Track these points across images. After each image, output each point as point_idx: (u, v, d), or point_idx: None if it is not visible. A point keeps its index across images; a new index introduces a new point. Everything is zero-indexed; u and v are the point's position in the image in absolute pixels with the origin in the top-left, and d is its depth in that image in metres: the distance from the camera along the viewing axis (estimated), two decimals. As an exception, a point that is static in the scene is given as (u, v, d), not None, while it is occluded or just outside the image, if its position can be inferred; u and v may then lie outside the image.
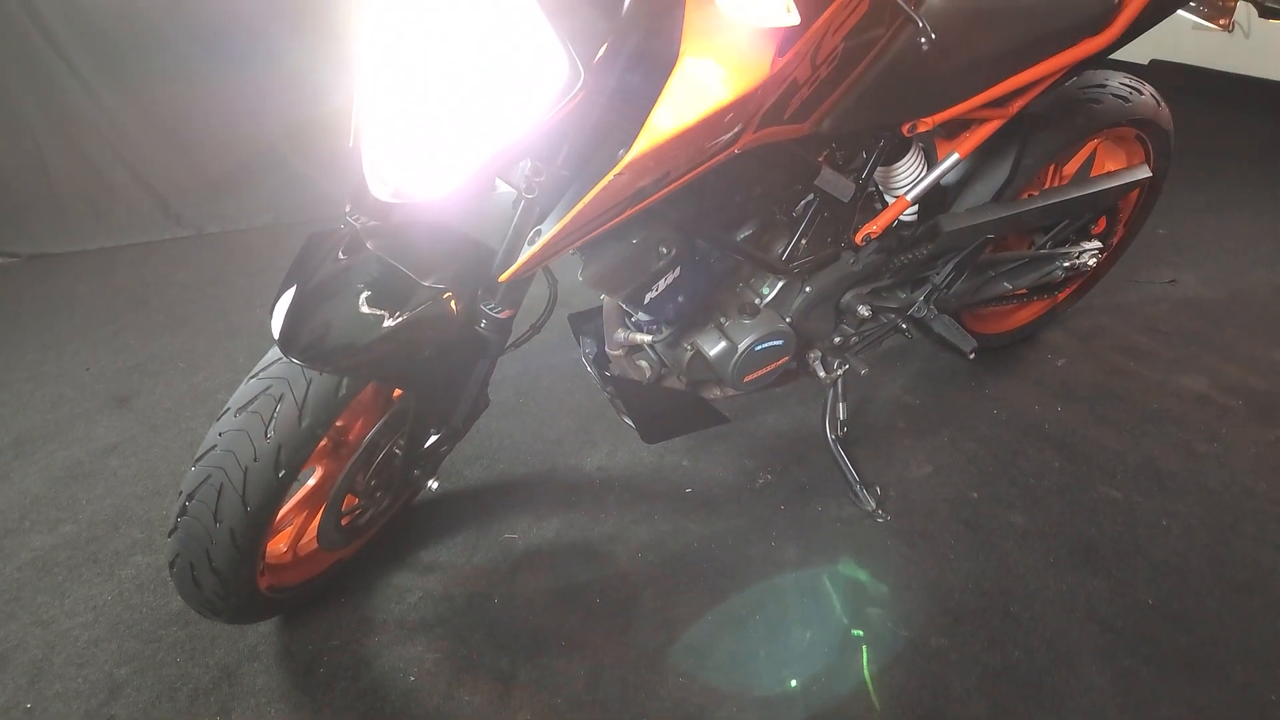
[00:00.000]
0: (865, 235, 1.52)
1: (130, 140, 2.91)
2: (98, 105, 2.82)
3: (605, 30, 0.94)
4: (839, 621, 1.48)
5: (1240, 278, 2.40)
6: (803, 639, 1.45)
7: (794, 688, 1.37)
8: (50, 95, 2.76)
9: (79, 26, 2.66)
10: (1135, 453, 1.80)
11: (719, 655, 1.43)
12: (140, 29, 2.70)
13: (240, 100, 2.89)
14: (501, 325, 1.25)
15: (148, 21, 2.69)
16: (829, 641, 1.44)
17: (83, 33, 2.67)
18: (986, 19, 1.30)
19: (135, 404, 2.11)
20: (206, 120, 2.92)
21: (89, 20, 2.65)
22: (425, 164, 1.00)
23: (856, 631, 1.46)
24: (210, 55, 2.79)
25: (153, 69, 2.79)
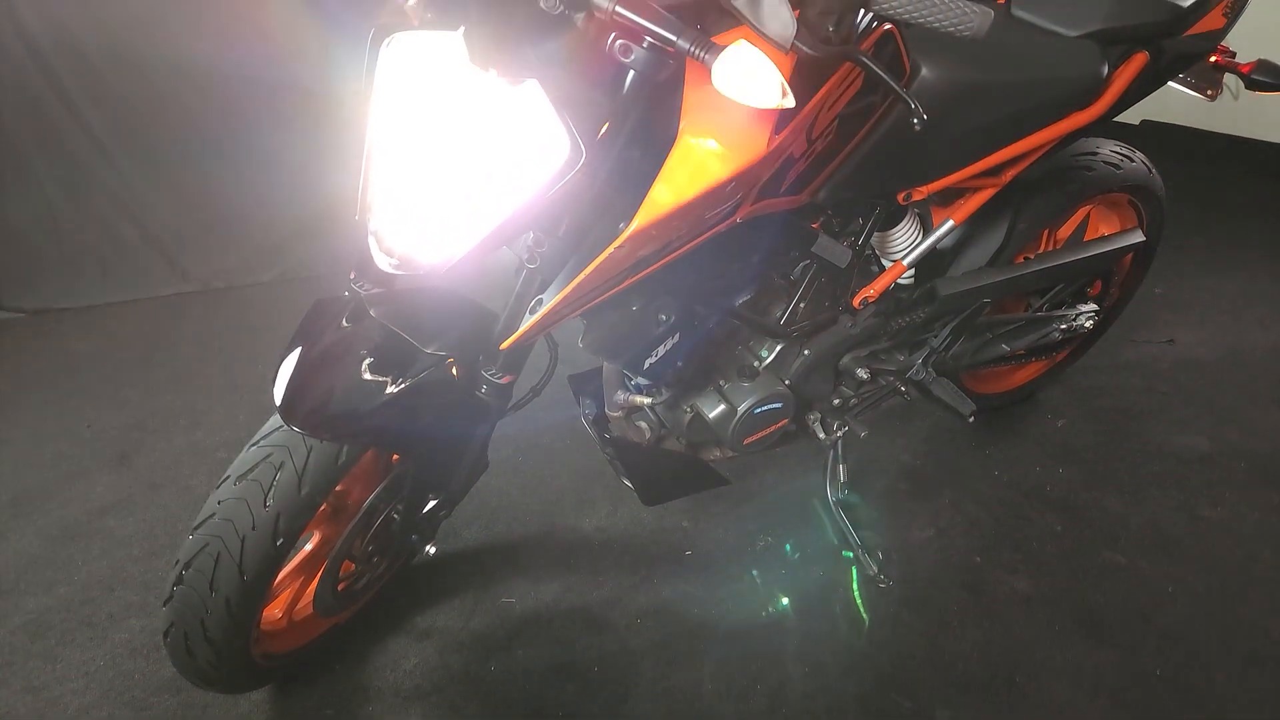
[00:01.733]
0: (863, 299, 1.54)
1: (139, 197, 2.94)
2: (108, 162, 2.86)
3: (606, 110, 0.97)
4: (844, 691, 1.45)
5: (1237, 338, 2.42)
6: (806, 710, 1.42)
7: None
8: (61, 152, 2.80)
9: (92, 86, 2.71)
10: (1138, 516, 1.79)
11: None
12: (151, 89, 2.75)
13: (248, 158, 2.94)
14: (502, 390, 1.26)
15: (158, 82, 2.74)
16: (832, 713, 1.42)
17: (95, 92, 2.72)
18: (977, 94, 1.34)
19: (135, 462, 2.11)
20: (215, 177, 2.96)
21: (101, 80, 2.70)
22: (429, 237, 1.01)
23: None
24: (219, 114, 2.84)
25: (163, 128, 2.84)
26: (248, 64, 2.73)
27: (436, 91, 0.98)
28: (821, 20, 0.92)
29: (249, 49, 2.67)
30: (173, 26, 2.61)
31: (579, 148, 0.92)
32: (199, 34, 2.63)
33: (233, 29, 2.64)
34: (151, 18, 2.58)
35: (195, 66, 2.72)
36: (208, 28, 2.62)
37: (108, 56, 2.64)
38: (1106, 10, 1.42)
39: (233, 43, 2.65)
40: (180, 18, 2.59)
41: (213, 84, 2.79)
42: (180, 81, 2.76)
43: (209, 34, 2.63)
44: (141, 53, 2.65)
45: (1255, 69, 1.57)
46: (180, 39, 2.63)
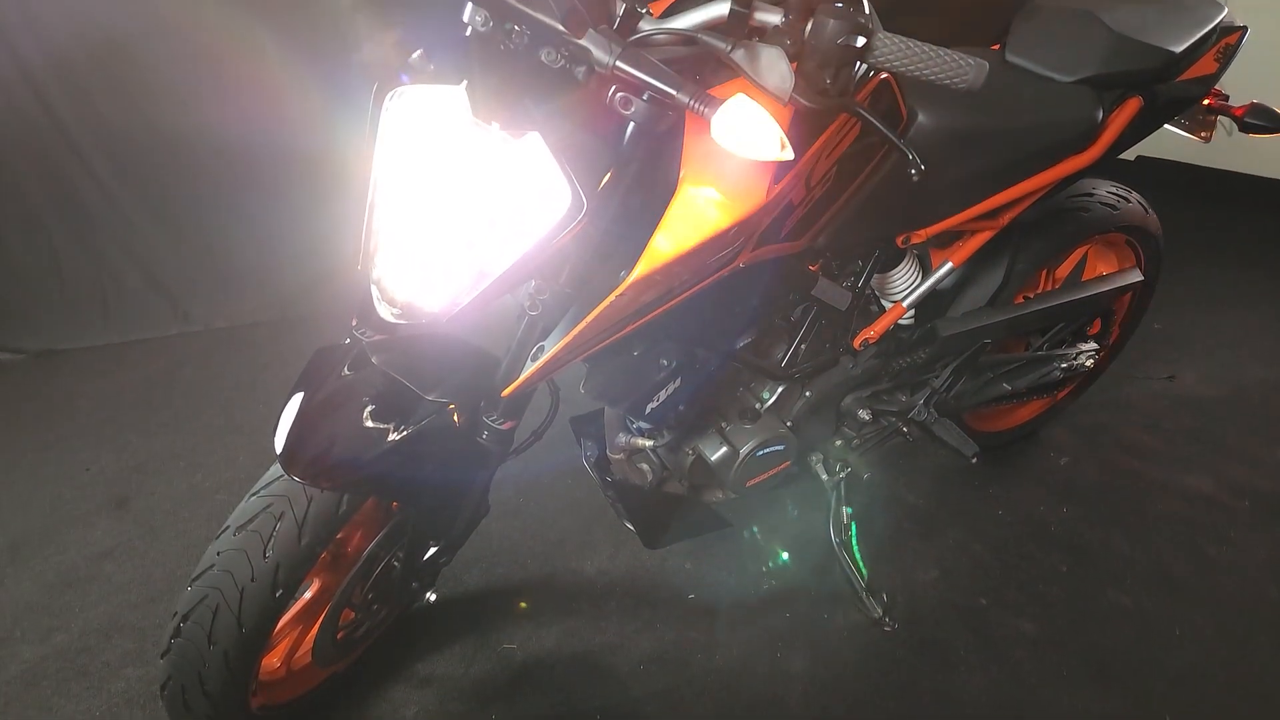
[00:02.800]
0: (863, 340, 1.54)
1: (142, 238, 2.96)
2: (111, 204, 2.88)
3: (608, 160, 0.99)
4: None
5: (1238, 374, 2.41)
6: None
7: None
8: (65, 194, 2.82)
9: (95, 129, 2.73)
10: (1144, 556, 1.78)
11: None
12: (154, 131, 2.78)
13: (250, 198, 2.96)
14: (503, 436, 1.26)
15: (162, 125, 2.77)
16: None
17: (99, 134, 2.74)
18: (974, 139, 1.35)
19: (133, 505, 2.10)
20: (217, 217, 2.98)
21: (105, 122, 2.73)
22: (432, 286, 1.02)
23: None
24: (223, 157, 2.87)
25: (166, 169, 2.86)
26: (252, 109, 2.76)
27: (440, 144, 0.99)
28: (819, 73, 0.93)
29: (254, 95, 2.70)
30: (177, 72, 2.64)
31: (580, 199, 0.92)
32: (204, 81, 2.67)
33: (238, 77, 2.67)
34: (156, 65, 2.61)
35: (199, 111, 2.75)
36: (213, 75, 2.65)
37: (112, 100, 2.67)
38: (1100, 56, 1.44)
39: (238, 90, 2.69)
40: (186, 65, 2.63)
41: (217, 128, 2.82)
42: (184, 125, 2.78)
43: (214, 82, 2.67)
44: (145, 97, 2.69)
45: (1248, 112, 1.59)
46: (185, 86, 2.67)
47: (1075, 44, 1.47)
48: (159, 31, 2.56)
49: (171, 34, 2.57)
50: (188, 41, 2.58)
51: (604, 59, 0.89)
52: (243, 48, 2.64)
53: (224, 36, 2.59)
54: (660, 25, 0.97)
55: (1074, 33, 1.48)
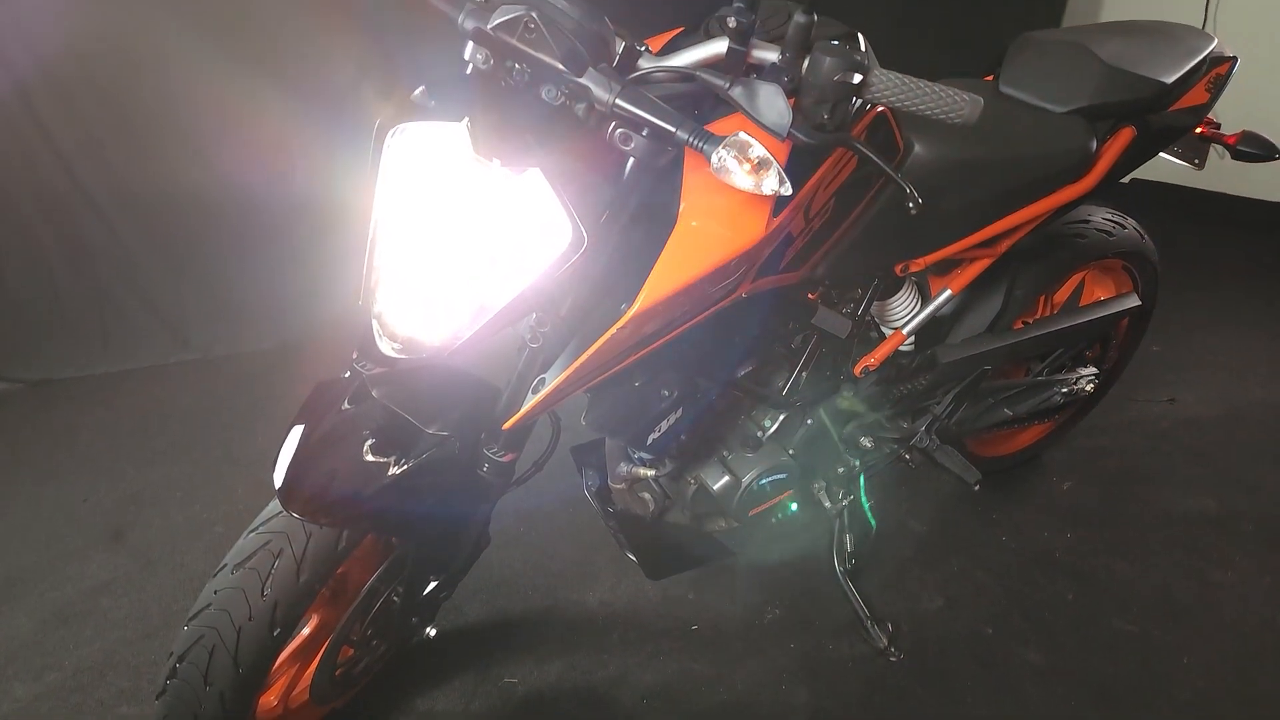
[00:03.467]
0: (864, 368, 1.54)
1: (142, 266, 2.96)
2: (111, 232, 2.88)
3: (608, 195, 0.99)
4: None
5: (1238, 396, 2.42)
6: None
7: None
8: (65, 223, 2.82)
9: (96, 158, 2.74)
10: (1148, 582, 1.77)
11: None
12: (155, 161, 2.79)
13: (250, 224, 2.96)
14: (504, 469, 1.25)
15: (161, 152, 2.78)
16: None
17: (100, 164, 2.75)
18: (970, 170, 1.36)
19: (130, 538, 2.08)
20: (216, 244, 2.99)
21: (106, 152, 2.74)
22: (433, 321, 1.02)
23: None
24: (221, 183, 2.88)
25: (166, 198, 2.87)
26: (253, 141, 2.77)
27: (441, 180, 1.00)
28: (816, 108, 0.94)
29: (254, 128, 2.72)
30: (179, 105, 2.66)
31: (581, 234, 0.93)
32: (205, 114, 2.68)
33: (240, 110, 2.69)
34: (159, 97, 2.63)
35: (198, 137, 2.76)
36: (215, 108, 2.67)
37: (112, 128, 2.68)
38: (1092, 87, 1.45)
39: (238, 122, 2.70)
40: (188, 99, 2.64)
41: (216, 154, 2.83)
42: (183, 151, 2.79)
43: (215, 114, 2.68)
44: (147, 129, 2.70)
45: (1240, 140, 1.61)
46: (186, 118, 2.68)
47: (1068, 75, 1.48)
48: (162, 65, 2.58)
49: (174, 68, 2.58)
50: (191, 76, 2.60)
51: (604, 97, 0.89)
52: (246, 84, 2.66)
53: (228, 73, 2.61)
54: (659, 63, 0.98)
55: (1066, 64, 1.50)
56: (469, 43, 0.96)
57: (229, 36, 2.58)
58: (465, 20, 0.94)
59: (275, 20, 2.58)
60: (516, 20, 0.89)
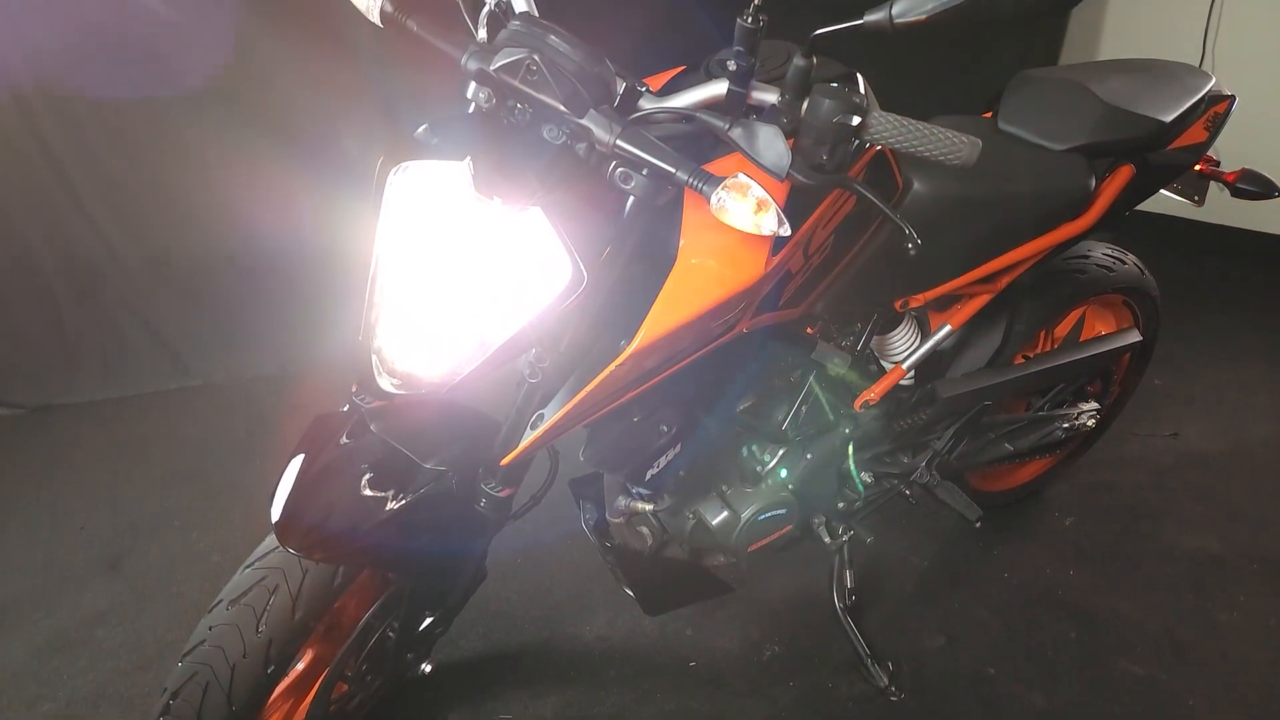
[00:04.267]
0: (864, 402, 1.53)
1: (144, 292, 2.97)
2: (114, 258, 2.89)
3: (608, 233, 0.99)
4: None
5: (1240, 431, 2.41)
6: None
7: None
8: (68, 248, 2.83)
9: (98, 181, 2.75)
10: (1153, 622, 1.75)
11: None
12: (160, 186, 2.81)
13: (253, 251, 2.98)
14: (501, 504, 1.24)
15: (166, 178, 2.80)
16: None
17: (103, 188, 2.76)
18: (969, 207, 1.37)
19: (126, 567, 2.07)
20: (219, 270, 3.00)
21: (112, 178, 2.75)
22: (432, 357, 1.02)
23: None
24: (223, 209, 2.89)
25: (170, 224, 2.88)
26: (256, 166, 2.79)
27: (442, 217, 1.00)
28: (815, 150, 0.94)
29: (257, 152, 2.74)
30: (184, 130, 2.67)
31: (581, 272, 0.93)
32: (208, 138, 2.70)
33: (244, 136, 2.71)
34: (163, 122, 2.64)
35: (203, 164, 2.78)
36: (220, 134, 2.69)
37: (116, 154, 2.69)
38: (1091, 126, 1.46)
39: (242, 148, 2.72)
40: (193, 124, 2.66)
41: (220, 184, 2.85)
42: (187, 180, 2.81)
43: (219, 139, 2.70)
44: (150, 154, 2.71)
45: (1239, 178, 1.61)
46: (189, 142, 2.70)
47: (1066, 113, 1.49)
48: (166, 89, 2.59)
49: (179, 92, 2.60)
50: (196, 100, 2.62)
51: (605, 137, 0.90)
52: (252, 118, 2.68)
53: (235, 108, 2.64)
54: (660, 104, 0.99)
55: (1065, 103, 1.51)
56: (471, 82, 0.97)
57: (234, 71, 2.60)
58: (469, 61, 0.95)
59: (279, 54, 2.60)
60: (519, 62, 0.90)
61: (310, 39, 2.55)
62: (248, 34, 2.54)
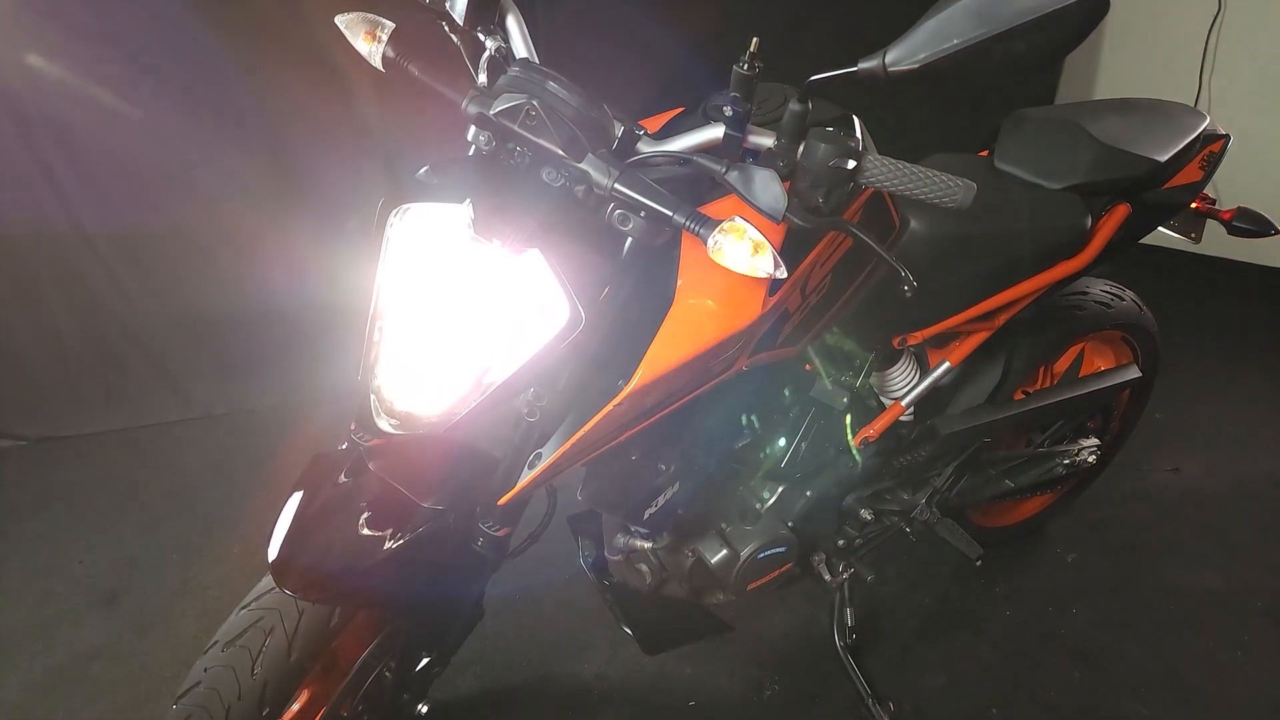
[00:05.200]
0: (863, 439, 1.53)
1: (147, 322, 2.97)
2: (118, 288, 2.90)
3: (606, 273, 1.00)
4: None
5: (1242, 466, 2.40)
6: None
7: None
8: (72, 278, 2.85)
9: (102, 210, 2.76)
10: (1157, 662, 1.73)
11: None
12: (161, 215, 2.82)
13: (256, 284, 2.99)
14: (499, 543, 1.24)
15: (169, 208, 2.82)
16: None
17: (106, 217, 2.78)
18: (966, 246, 1.38)
19: (124, 602, 2.06)
20: (221, 300, 3.01)
21: (112, 204, 2.76)
22: (430, 397, 1.02)
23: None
24: (228, 239, 2.91)
25: (174, 254, 2.90)
26: (258, 196, 2.82)
27: (442, 259, 1.01)
28: (811, 193, 0.95)
29: (260, 183, 2.76)
30: (188, 158, 2.69)
31: (579, 313, 0.94)
32: (211, 169, 2.72)
33: (246, 166, 2.74)
34: (167, 151, 2.66)
35: (206, 192, 2.80)
36: (222, 164, 2.72)
37: (119, 181, 2.71)
38: (1087, 165, 1.48)
39: (245, 178, 2.75)
40: (195, 153, 2.68)
41: (222, 211, 2.87)
42: (190, 208, 2.83)
43: (222, 170, 2.72)
44: (154, 182, 2.73)
45: (1235, 216, 1.62)
46: (193, 172, 2.72)
47: (1062, 153, 1.51)
48: (171, 118, 2.62)
49: (183, 121, 2.63)
50: (199, 129, 2.64)
51: (603, 181, 0.91)
52: (256, 150, 2.71)
53: (236, 139, 2.66)
54: (657, 148, 1.00)
55: (1060, 142, 1.53)
56: (472, 126, 0.99)
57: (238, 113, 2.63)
58: (469, 105, 0.96)
59: (282, 97, 2.64)
60: (518, 108, 0.92)
61: (313, 83, 2.59)
62: (250, 75, 2.58)
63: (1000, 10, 0.77)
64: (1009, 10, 0.77)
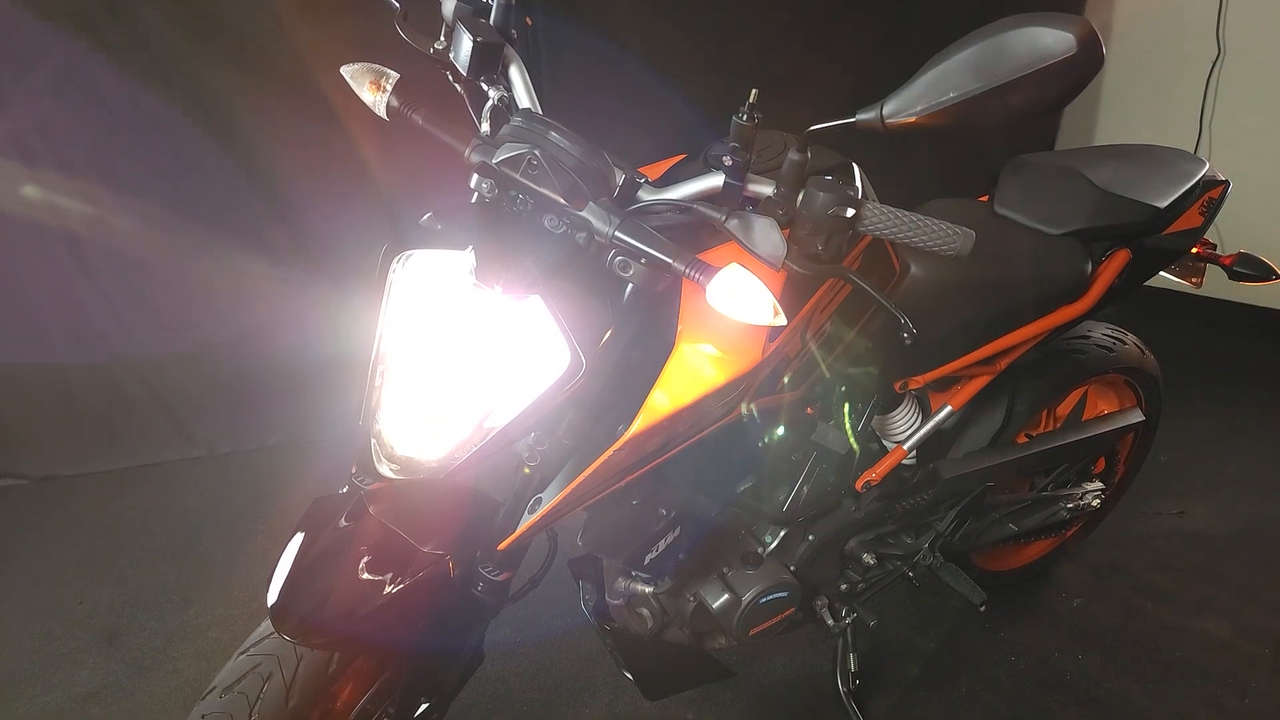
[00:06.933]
0: (865, 483, 1.53)
1: (152, 361, 2.98)
2: (123, 328, 2.91)
3: (607, 319, 1.01)
4: None
5: (1249, 510, 2.38)
6: None
7: None
8: (77, 318, 2.86)
9: (106, 245, 2.79)
10: (1163, 710, 1.71)
11: None
12: (165, 249, 2.85)
13: (259, 325, 3.01)
14: (499, 588, 1.23)
15: (173, 243, 2.84)
16: None
17: (111, 254, 2.80)
18: (966, 291, 1.39)
19: (124, 642, 2.05)
20: (226, 343, 3.03)
21: (118, 242, 2.79)
22: (431, 442, 1.03)
23: None
24: (234, 284, 2.94)
25: (176, 290, 2.92)
26: (266, 233, 2.84)
27: (444, 305, 1.02)
28: (811, 240, 0.96)
29: (264, 217, 2.79)
30: (192, 193, 2.72)
31: (580, 359, 0.95)
32: (218, 205, 2.75)
33: (251, 212, 2.77)
34: (172, 185, 2.69)
35: (212, 235, 2.82)
36: (228, 200, 2.74)
37: (125, 219, 2.73)
38: (1087, 211, 1.49)
39: (249, 212, 2.77)
40: (202, 188, 2.71)
41: (228, 253, 2.89)
42: (195, 249, 2.85)
43: (227, 207, 2.75)
44: (155, 213, 2.74)
45: (1236, 261, 1.63)
46: (198, 207, 2.74)
47: (1062, 198, 1.52)
48: (183, 165, 2.66)
49: (187, 162, 2.66)
50: (203, 171, 2.68)
51: (604, 229, 0.93)
52: (261, 193, 2.74)
53: (242, 169, 2.69)
54: (658, 195, 1.01)
55: (1060, 188, 1.54)
56: (475, 174, 1.00)
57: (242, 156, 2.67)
58: (472, 154, 0.98)
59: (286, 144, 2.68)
60: (520, 157, 0.93)
61: (318, 131, 2.62)
62: (256, 121, 2.62)
63: (995, 65, 0.78)
64: (1004, 65, 0.78)
